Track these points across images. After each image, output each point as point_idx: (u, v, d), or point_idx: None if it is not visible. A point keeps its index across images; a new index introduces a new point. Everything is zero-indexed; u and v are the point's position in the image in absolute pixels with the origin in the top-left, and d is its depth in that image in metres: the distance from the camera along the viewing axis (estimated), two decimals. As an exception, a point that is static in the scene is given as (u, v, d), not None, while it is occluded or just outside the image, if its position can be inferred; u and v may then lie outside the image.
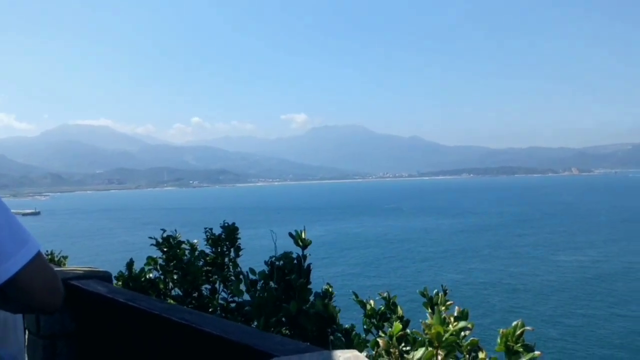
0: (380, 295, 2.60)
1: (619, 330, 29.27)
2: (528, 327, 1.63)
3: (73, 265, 3.42)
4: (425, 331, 1.67)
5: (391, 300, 2.56)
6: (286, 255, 3.35)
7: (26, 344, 3.08)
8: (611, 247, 56.73)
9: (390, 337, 2.05)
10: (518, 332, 1.62)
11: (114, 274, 3.56)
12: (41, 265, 1.14)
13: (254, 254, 4.28)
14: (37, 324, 3.02)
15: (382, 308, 2.52)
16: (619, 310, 33.00)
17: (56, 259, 5.51)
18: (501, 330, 1.67)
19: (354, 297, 2.55)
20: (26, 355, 3.07)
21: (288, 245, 3.58)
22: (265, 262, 3.44)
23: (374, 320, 2.49)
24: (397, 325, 2.06)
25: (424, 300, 2.51)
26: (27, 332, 3.08)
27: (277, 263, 3.41)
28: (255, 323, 2.74)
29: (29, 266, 1.09)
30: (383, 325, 2.49)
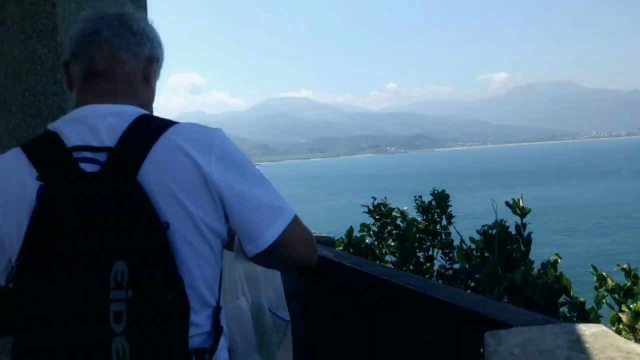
0: (619, 266, 2.39)
1: None
2: None
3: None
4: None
5: (632, 272, 2.34)
6: (501, 225, 3.25)
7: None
8: None
9: (637, 313, 1.88)
10: None
11: (321, 231, 3.78)
12: (300, 228, 1.23)
13: (459, 220, 4.22)
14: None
15: (628, 284, 2.32)
16: None
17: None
18: None
19: (591, 270, 2.38)
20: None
21: (489, 212, 3.45)
22: (478, 232, 3.38)
23: (616, 296, 2.30)
24: (645, 302, 1.88)
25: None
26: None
27: (489, 232, 3.33)
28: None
29: (289, 229, 1.18)
30: (626, 300, 2.30)
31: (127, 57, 1.25)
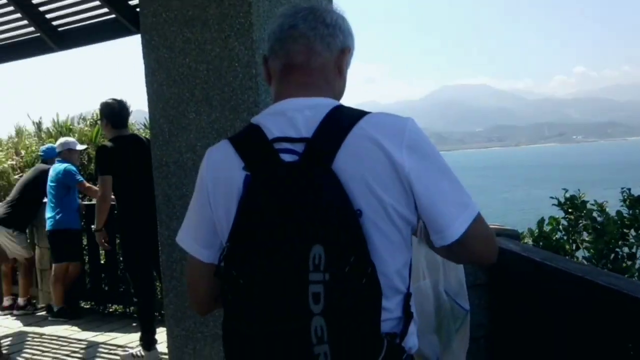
0: None
1: None
2: None
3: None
4: None
5: None
6: None
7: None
8: None
9: None
10: None
11: (503, 223, 3.61)
12: (481, 226, 1.20)
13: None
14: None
15: None
16: None
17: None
18: None
19: None
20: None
21: None
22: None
23: None
24: None
25: None
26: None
27: None
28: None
29: (473, 225, 1.16)
30: None
31: (321, 49, 1.29)
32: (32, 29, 4.97)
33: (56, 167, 5.56)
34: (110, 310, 5.92)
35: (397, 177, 1.14)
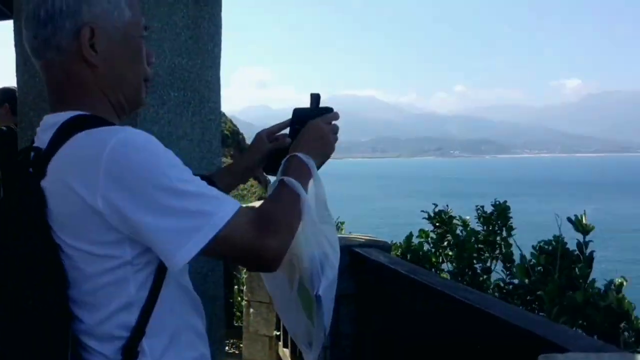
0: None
1: None
2: None
3: (355, 234, 3.71)
4: None
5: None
6: (560, 240, 3.15)
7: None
8: None
9: None
10: None
11: (378, 234, 3.78)
12: (227, 241, 1.06)
13: (518, 232, 4.13)
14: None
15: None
16: None
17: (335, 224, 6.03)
18: None
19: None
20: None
21: (548, 225, 3.34)
22: (534, 247, 3.29)
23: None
24: None
25: None
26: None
27: (546, 247, 3.24)
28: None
29: (209, 247, 1.04)
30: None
31: (52, 54, 1.12)
32: None
33: None
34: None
35: (95, 220, 1.02)
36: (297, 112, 1.54)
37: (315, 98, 1.53)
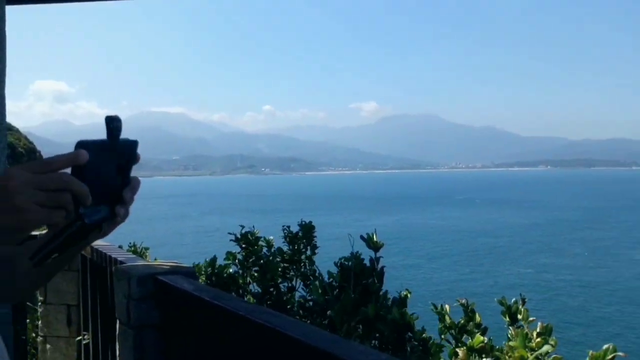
0: (459, 302, 2.59)
1: None
2: (620, 353, 1.58)
3: (159, 260, 3.59)
4: (509, 353, 1.66)
5: (469, 308, 2.55)
6: (356, 257, 3.39)
7: (117, 332, 3.28)
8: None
9: (471, 349, 2.04)
10: (609, 357, 1.57)
11: (187, 255, 3.72)
12: None
13: (321, 242, 4.34)
14: (128, 316, 3.21)
15: (462, 321, 2.51)
16: None
17: (139, 250, 5.79)
18: (590, 352, 1.63)
19: (432, 307, 2.55)
20: (117, 343, 3.28)
21: (355, 237, 3.60)
22: (335, 264, 3.50)
23: (453, 332, 2.49)
24: (478, 338, 2.06)
25: (503, 309, 2.48)
26: (118, 322, 3.28)
27: (346, 264, 3.46)
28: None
29: None
30: (462, 336, 2.49)
31: None
32: None
33: None
34: None
35: None
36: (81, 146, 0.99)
37: (110, 123, 1.02)
